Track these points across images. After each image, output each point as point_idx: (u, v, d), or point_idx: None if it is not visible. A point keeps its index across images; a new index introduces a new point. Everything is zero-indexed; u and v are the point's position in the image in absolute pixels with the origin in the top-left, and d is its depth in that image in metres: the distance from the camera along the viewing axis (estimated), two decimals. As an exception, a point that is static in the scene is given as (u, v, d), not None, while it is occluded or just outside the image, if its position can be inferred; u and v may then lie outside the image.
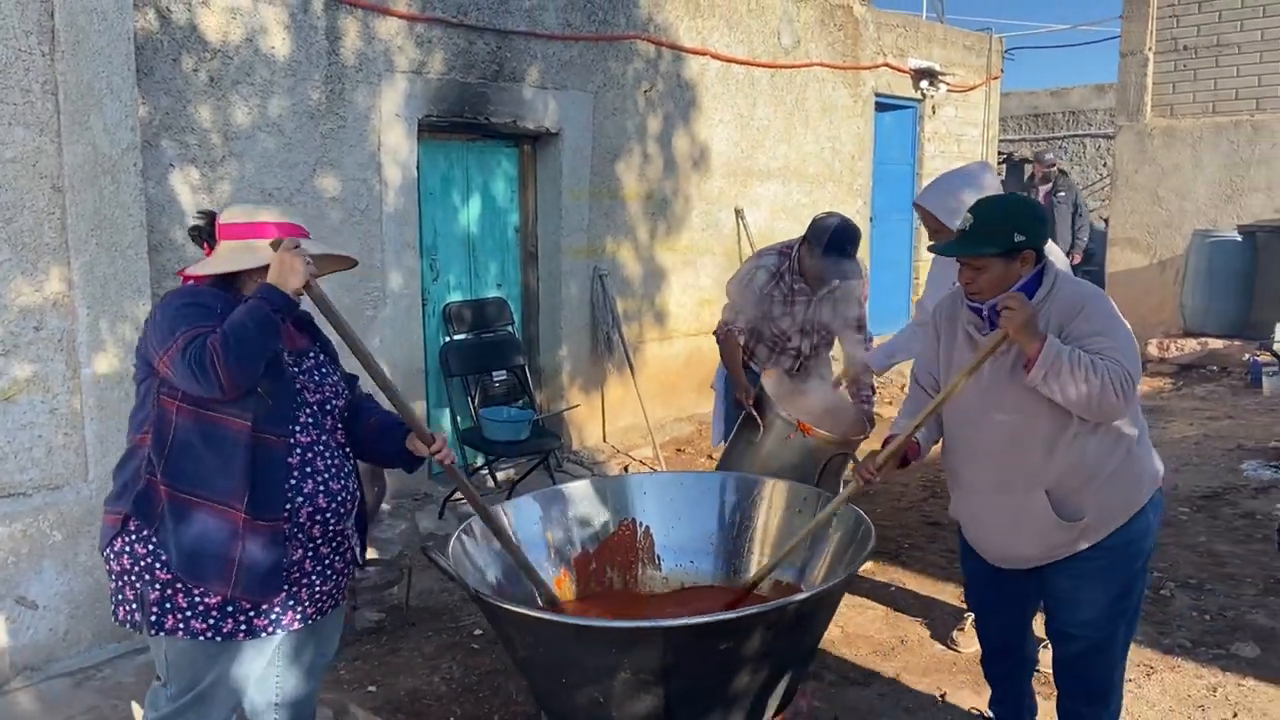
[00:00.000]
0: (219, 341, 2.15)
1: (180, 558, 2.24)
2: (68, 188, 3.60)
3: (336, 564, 2.47)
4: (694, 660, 2.42)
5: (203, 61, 4.40)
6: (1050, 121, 15.91)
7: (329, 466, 2.39)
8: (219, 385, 2.16)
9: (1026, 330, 2.40)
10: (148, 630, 2.30)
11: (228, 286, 2.37)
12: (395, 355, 5.31)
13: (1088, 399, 2.40)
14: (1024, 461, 2.60)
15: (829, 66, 8.10)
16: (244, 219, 2.39)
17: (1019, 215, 2.54)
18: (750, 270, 4.37)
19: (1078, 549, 2.62)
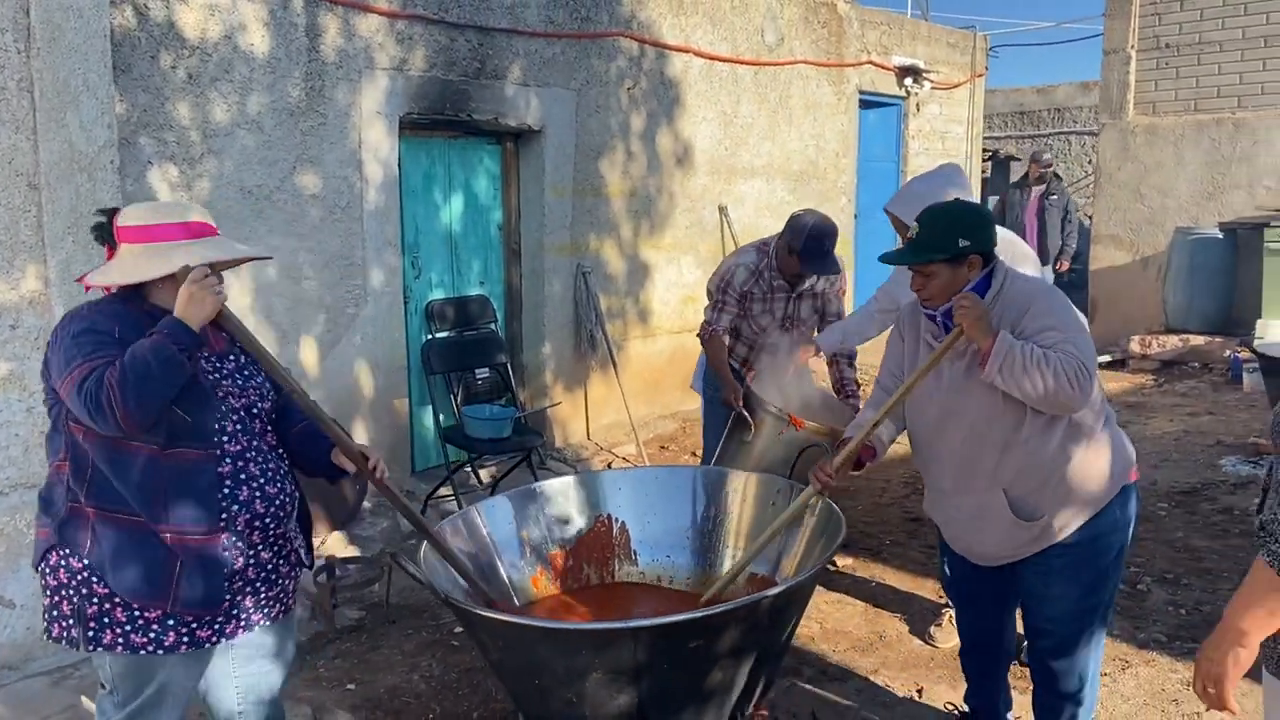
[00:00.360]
0: (116, 380, 2.06)
1: (116, 578, 2.18)
2: (44, 185, 3.58)
3: (281, 568, 2.42)
4: (665, 659, 2.43)
5: (181, 58, 4.39)
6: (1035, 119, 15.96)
7: (264, 471, 2.34)
8: (115, 424, 2.08)
9: (979, 326, 2.45)
10: (85, 646, 2.23)
11: (132, 294, 2.27)
12: (377, 353, 5.31)
13: (1043, 391, 2.42)
14: (981, 462, 2.63)
15: (813, 64, 8.12)
16: (145, 220, 2.25)
17: (963, 222, 2.58)
18: (730, 268, 4.37)
19: (1045, 545, 2.65)
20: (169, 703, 2.32)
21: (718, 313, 4.39)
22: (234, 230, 4.64)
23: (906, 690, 3.53)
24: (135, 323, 2.21)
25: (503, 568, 3.14)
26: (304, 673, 3.73)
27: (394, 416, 5.46)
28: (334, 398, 5.12)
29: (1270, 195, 8.86)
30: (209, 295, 2.17)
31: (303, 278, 4.94)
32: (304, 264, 4.94)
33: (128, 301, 2.26)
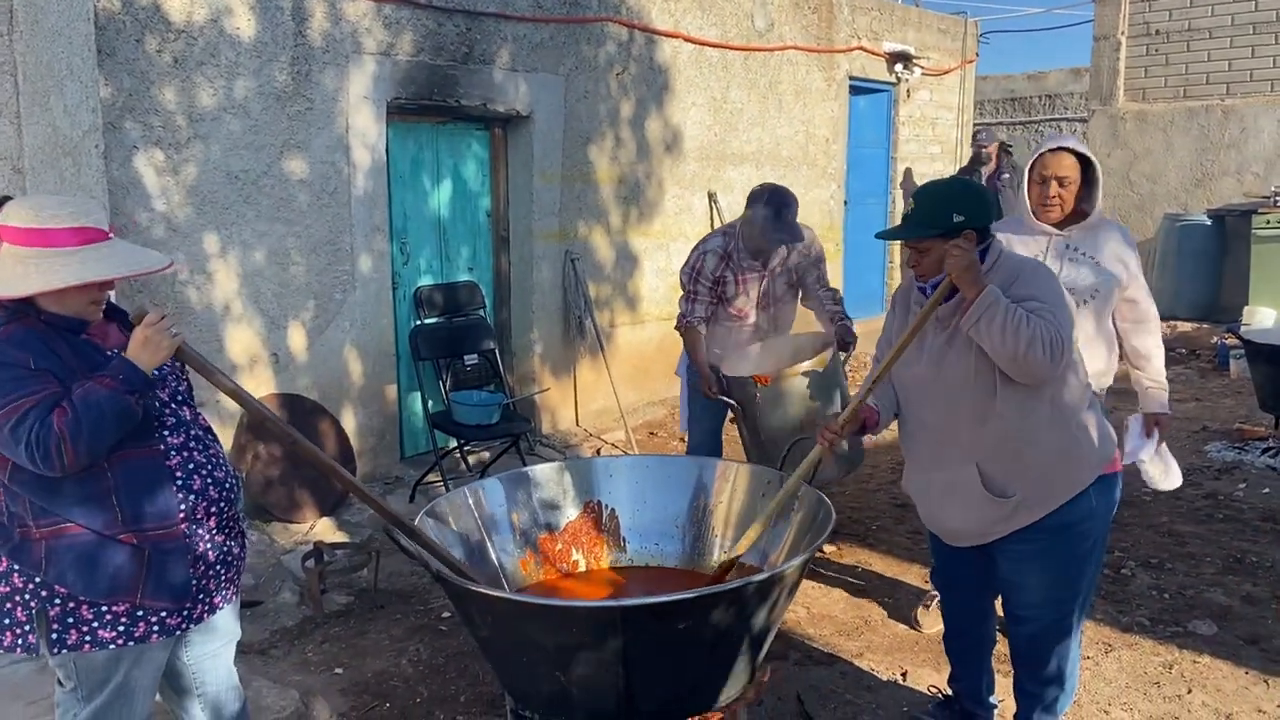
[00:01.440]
0: (69, 428, 2.01)
1: (83, 581, 2.15)
2: (28, 169, 3.57)
3: (234, 549, 2.43)
4: (653, 640, 2.44)
5: (166, 42, 4.36)
6: (1026, 105, 15.98)
7: (209, 458, 2.33)
8: (60, 469, 2.04)
9: (969, 274, 2.48)
10: (48, 650, 2.17)
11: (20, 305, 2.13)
12: (365, 339, 5.30)
13: (1015, 350, 2.43)
14: (957, 435, 2.66)
15: (803, 50, 8.10)
16: (31, 222, 2.08)
17: (957, 198, 2.61)
18: (698, 256, 4.36)
19: (1014, 528, 2.67)
20: (136, 694, 2.30)
21: (691, 303, 4.37)
22: (220, 215, 4.63)
23: (891, 673, 3.55)
24: (43, 345, 2.11)
25: (492, 550, 3.14)
26: (292, 657, 3.74)
27: (383, 403, 5.46)
28: (322, 384, 5.12)
29: (1258, 182, 8.89)
30: (165, 339, 2.13)
31: (290, 263, 4.92)
32: (291, 250, 4.92)
33: (21, 316, 2.13)
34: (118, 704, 2.28)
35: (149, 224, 4.37)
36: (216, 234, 4.63)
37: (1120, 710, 3.28)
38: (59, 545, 2.15)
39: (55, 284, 2.07)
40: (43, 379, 2.07)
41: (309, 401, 5.01)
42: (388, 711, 3.36)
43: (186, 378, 2.42)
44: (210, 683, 2.52)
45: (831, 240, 8.77)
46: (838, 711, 3.32)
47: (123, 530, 2.17)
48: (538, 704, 2.69)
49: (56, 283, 2.07)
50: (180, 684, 2.50)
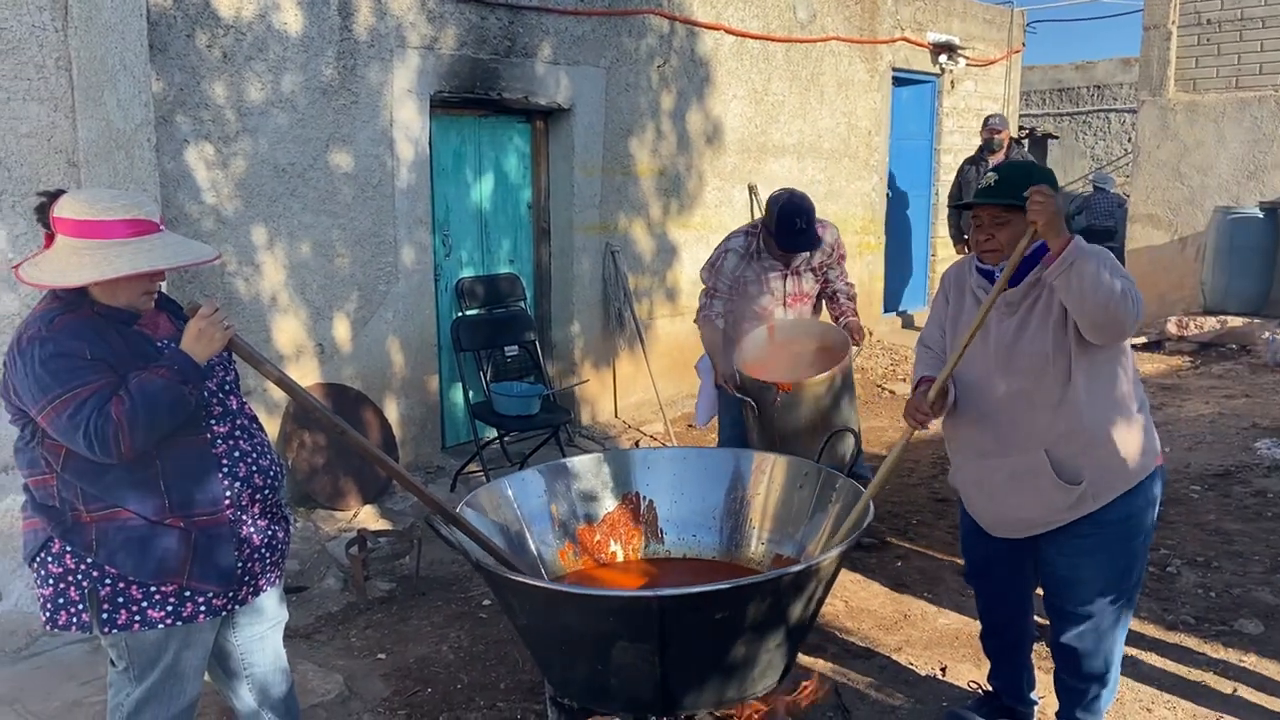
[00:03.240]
0: (126, 417, 2.06)
1: (132, 566, 2.21)
2: (83, 162, 3.65)
3: (279, 534, 2.48)
4: (689, 630, 2.46)
5: (216, 38, 4.44)
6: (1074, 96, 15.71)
7: (254, 446, 2.39)
8: (117, 456, 2.10)
9: (1054, 223, 2.44)
10: (99, 629, 2.23)
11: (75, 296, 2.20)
12: (408, 330, 5.37)
13: (1108, 297, 2.39)
14: (1029, 422, 2.64)
15: (846, 41, 8.04)
16: (85, 214, 2.13)
17: (1040, 176, 2.63)
18: (719, 254, 4.40)
19: (1077, 515, 2.64)
20: (186, 674, 2.36)
21: (709, 299, 4.42)
22: (267, 208, 4.71)
23: (930, 668, 3.54)
24: (97, 335, 2.15)
25: (532, 540, 3.18)
26: (336, 642, 3.81)
27: (425, 393, 5.52)
28: (366, 374, 5.19)
29: (1313, 174, 8.68)
30: (218, 331, 2.19)
31: (335, 255, 5.00)
32: (336, 242, 4.99)
33: (76, 308, 2.18)
34: (168, 684, 2.35)
35: (199, 216, 4.46)
36: (264, 226, 4.71)
37: (1164, 709, 3.24)
38: (109, 528, 2.21)
39: (108, 274, 2.12)
40: (98, 369, 2.13)
41: (353, 391, 5.09)
42: (429, 697, 3.41)
43: (234, 367, 2.47)
44: (258, 664, 2.58)
45: (873, 233, 8.70)
46: (875, 706, 3.31)
47: (170, 515, 2.23)
48: (576, 692, 2.72)
49: (109, 273, 2.12)
50: (229, 665, 2.56)
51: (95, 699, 3.37)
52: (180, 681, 2.36)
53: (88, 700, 3.38)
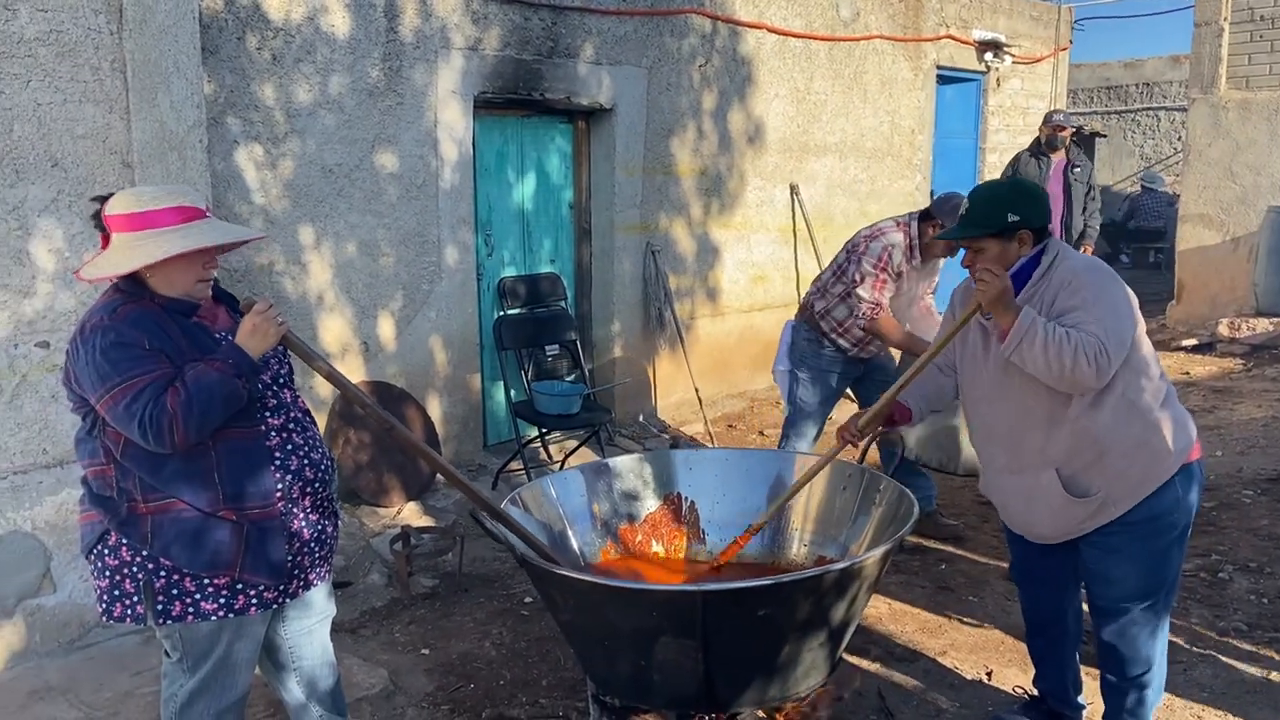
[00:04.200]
0: (181, 408, 2.10)
1: (186, 559, 2.25)
2: (136, 163, 3.73)
3: (328, 528, 2.51)
4: (732, 626, 2.46)
5: (266, 40, 4.51)
6: (1123, 94, 15.45)
7: (306, 440, 2.41)
8: (170, 446, 2.14)
9: (1000, 302, 2.48)
10: (154, 620, 2.28)
11: (136, 288, 2.26)
12: (450, 329, 5.41)
13: (1059, 371, 2.43)
14: (1031, 440, 2.64)
15: (889, 39, 7.98)
16: (132, 208, 2.22)
17: (1012, 197, 2.63)
18: (885, 248, 4.34)
19: (1100, 523, 2.63)
20: (237, 666, 2.40)
21: (880, 291, 4.36)
22: (314, 208, 4.77)
23: (975, 673, 3.50)
24: (157, 326, 2.21)
25: (574, 539, 3.19)
26: (380, 637, 3.85)
27: (467, 391, 5.56)
28: (409, 372, 5.25)
29: (1372, 173, 8.45)
30: (273, 326, 2.24)
31: (380, 255, 5.06)
32: (381, 241, 5.05)
33: (138, 299, 2.24)
34: (221, 675, 2.39)
35: (248, 216, 4.53)
36: (311, 226, 4.77)
37: (1214, 716, 3.18)
38: (164, 520, 2.25)
39: (158, 255, 2.18)
40: (157, 359, 2.17)
41: (397, 389, 5.14)
42: (472, 693, 3.44)
43: (288, 361, 2.51)
44: (306, 658, 2.61)
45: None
46: (920, 709, 3.28)
47: (223, 507, 2.26)
48: (618, 688, 2.73)
49: (159, 254, 2.18)
50: (278, 659, 2.60)
51: (147, 690, 3.44)
52: (232, 673, 2.40)
53: (139, 691, 3.45)
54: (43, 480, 3.61)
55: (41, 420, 3.61)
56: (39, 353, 3.59)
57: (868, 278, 4.37)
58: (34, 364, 3.58)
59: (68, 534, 3.66)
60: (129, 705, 3.36)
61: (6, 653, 3.56)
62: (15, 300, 3.51)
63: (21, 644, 3.59)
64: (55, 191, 3.56)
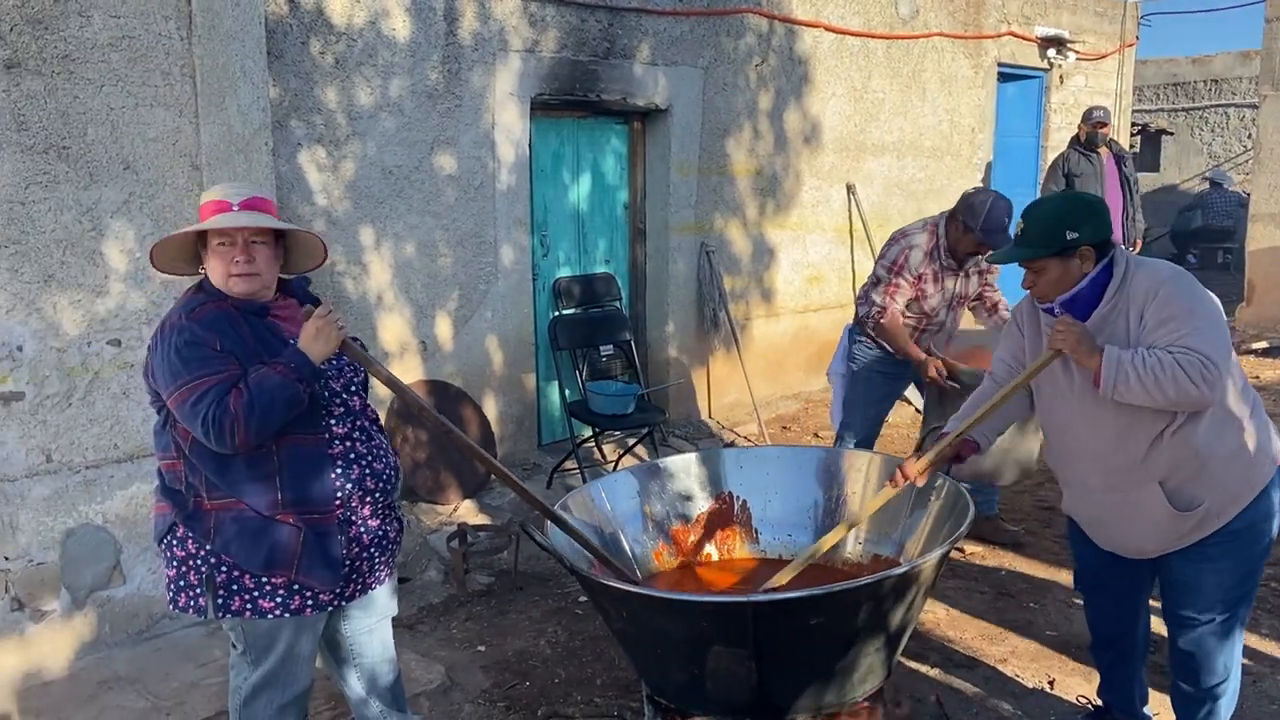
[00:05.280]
0: (243, 410, 2.15)
1: (245, 554, 2.30)
2: (205, 165, 3.81)
3: (390, 533, 2.54)
4: (784, 635, 2.44)
5: (329, 45, 4.59)
6: (1190, 91, 15.06)
7: (370, 450, 2.44)
8: (231, 447, 2.18)
9: (1081, 349, 2.41)
10: (215, 613, 2.34)
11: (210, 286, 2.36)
12: (506, 328, 5.46)
13: (1165, 398, 2.34)
14: (1131, 459, 2.53)
15: (949, 36, 7.86)
16: (209, 199, 2.35)
17: (1070, 213, 2.51)
18: (902, 251, 4.28)
19: (1204, 534, 2.55)
20: (299, 661, 2.45)
21: (889, 296, 4.31)
22: (375, 209, 4.84)
23: (1037, 681, 3.44)
24: (230, 327, 2.27)
25: (626, 541, 3.19)
26: (437, 633, 3.90)
27: (522, 390, 5.60)
28: (466, 372, 5.30)
29: None
30: (334, 331, 2.27)
31: (438, 255, 5.12)
32: (439, 242, 5.11)
33: (216, 300, 2.32)
34: (282, 670, 2.44)
35: (311, 218, 4.62)
36: (371, 227, 4.85)
37: (1289, 733, 3.09)
38: (226, 518, 2.30)
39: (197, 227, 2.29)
40: (226, 360, 2.23)
41: (454, 388, 5.20)
42: (527, 690, 3.46)
43: (363, 369, 2.51)
44: (367, 655, 2.65)
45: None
46: (980, 718, 3.23)
47: (282, 510, 2.30)
48: (672, 694, 2.72)
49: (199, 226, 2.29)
50: (339, 654, 2.65)
51: (212, 680, 3.52)
52: (293, 668, 2.44)
53: (204, 682, 3.53)
54: (114, 475, 3.72)
55: (113, 416, 3.71)
56: (111, 350, 3.69)
57: (880, 281, 4.34)
58: (106, 361, 3.69)
59: (137, 527, 3.76)
60: (194, 695, 3.44)
61: (78, 643, 3.67)
62: (89, 299, 3.62)
63: (92, 634, 3.70)
64: (127, 193, 3.66)
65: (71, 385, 3.61)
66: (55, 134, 3.48)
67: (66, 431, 3.61)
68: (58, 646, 3.62)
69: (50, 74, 3.45)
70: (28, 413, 3.53)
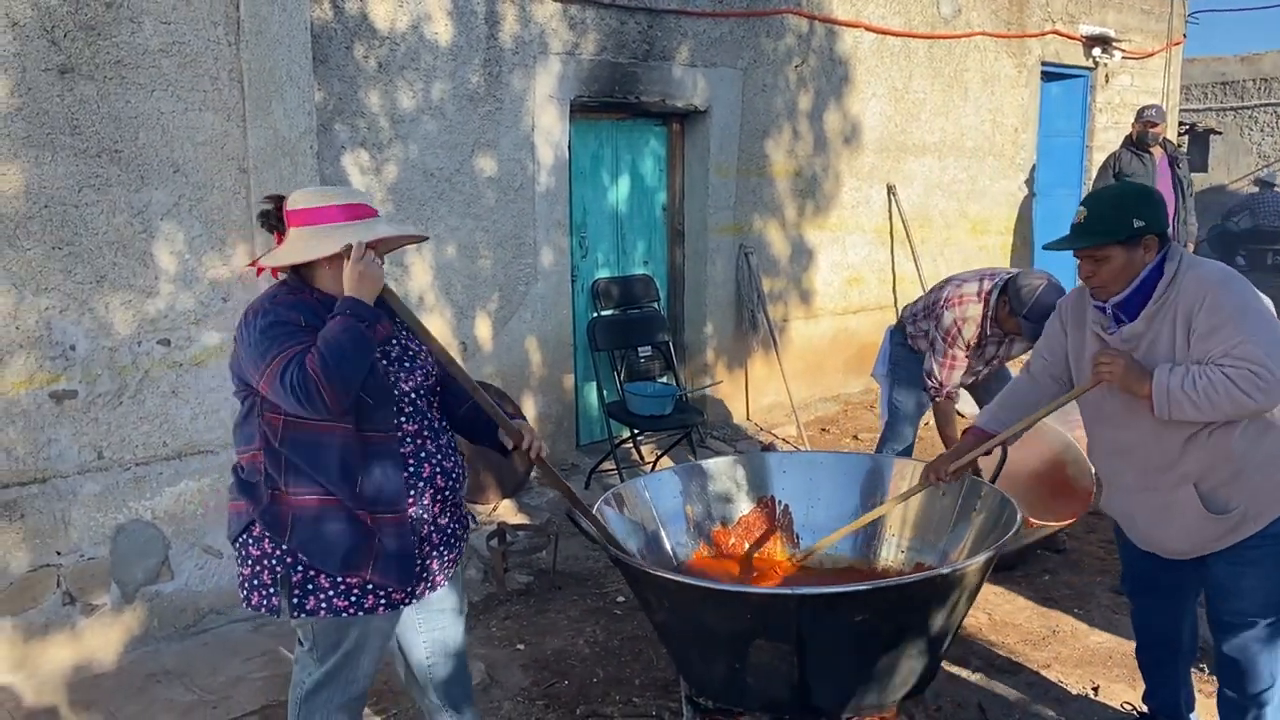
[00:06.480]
0: (318, 365, 2.16)
1: (321, 554, 2.31)
2: (252, 169, 3.88)
3: (457, 531, 2.56)
4: (828, 631, 2.43)
5: (372, 49, 4.64)
6: (1239, 89, 14.78)
7: (439, 448, 2.45)
8: (325, 406, 2.19)
9: (1129, 379, 2.40)
10: (290, 614, 2.34)
11: (300, 282, 2.37)
12: (545, 329, 5.49)
13: (1222, 414, 2.32)
14: (1165, 458, 2.51)
15: (992, 35, 7.79)
16: (311, 204, 2.35)
17: (1136, 200, 2.48)
18: (957, 321, 4.20)
19: (1239, 539, 2.51)
20: (364, 661, 2.47)
21: (950, 370, 4.24)
22: (416, 211, 4.89)
23: (1081, 687, 3.39)
24: (313, 310, 2.29)
25: (667, 540, 3.20)
26: (477, 631, 3.92)
27: (561, 391, 5.63)
28: (506, 372, 5.34)
29: None
30: (373, 267, 2.28)
31: (479, 257, 5.16)
32: (480, 244, 5.15)
33: (299, 290, 2.35)
34: (346, 669, 2.47)
35: (353, 219, 4.67)
36: (413, 228, 4.89)
37: (1343, 744, 3.01)
38: (303, 515, 2.31)
39: (327, 251, 2.27)
40: (309, 334, 2.25)
41: (494, 388, 5.23)
42: (566, 689, 3.48)
43: (435, 372, 2.54)
44: (440, 654, 2.68)
45: (1019, 234, 8.40)
46: (1021, 723, 3.20)
47: (357, 508, 2.32)
48: (712, 690, 2.72)
49: (330, 249, 2.27)
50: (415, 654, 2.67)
51: (258, 675, 3.57)
52: (356, 668, 2.47)
53: (250, 676, 3.58)
54: (163, 471, 3.79)
55: (162, 414, 3.78)
56: (160, 350, 3.76)
57: (937, 354, 4.27)
58: (155, 360, 3.76)
59: (185, 523, 3.84)
60: (240, 690, 3.49)
61: (127, 637, 3.74)
62: (139, 300, 3.69)
63: (141, 629, 3.77)
64: (176, 196, 3.73)
65: (122, 384, 3.69)
66: (107, 138, 3.56)
67: (117, 429, 3.69)
68: (107, 640, 3.70)
69: (103, 79, 3.53)
70: (80, 410, 3.61)
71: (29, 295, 3.47)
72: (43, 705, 3.41)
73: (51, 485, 3.56)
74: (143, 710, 3.39)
